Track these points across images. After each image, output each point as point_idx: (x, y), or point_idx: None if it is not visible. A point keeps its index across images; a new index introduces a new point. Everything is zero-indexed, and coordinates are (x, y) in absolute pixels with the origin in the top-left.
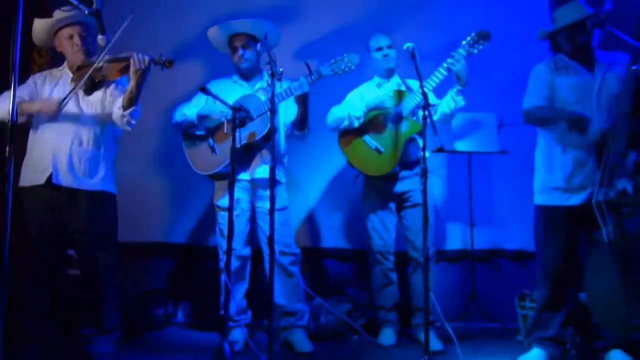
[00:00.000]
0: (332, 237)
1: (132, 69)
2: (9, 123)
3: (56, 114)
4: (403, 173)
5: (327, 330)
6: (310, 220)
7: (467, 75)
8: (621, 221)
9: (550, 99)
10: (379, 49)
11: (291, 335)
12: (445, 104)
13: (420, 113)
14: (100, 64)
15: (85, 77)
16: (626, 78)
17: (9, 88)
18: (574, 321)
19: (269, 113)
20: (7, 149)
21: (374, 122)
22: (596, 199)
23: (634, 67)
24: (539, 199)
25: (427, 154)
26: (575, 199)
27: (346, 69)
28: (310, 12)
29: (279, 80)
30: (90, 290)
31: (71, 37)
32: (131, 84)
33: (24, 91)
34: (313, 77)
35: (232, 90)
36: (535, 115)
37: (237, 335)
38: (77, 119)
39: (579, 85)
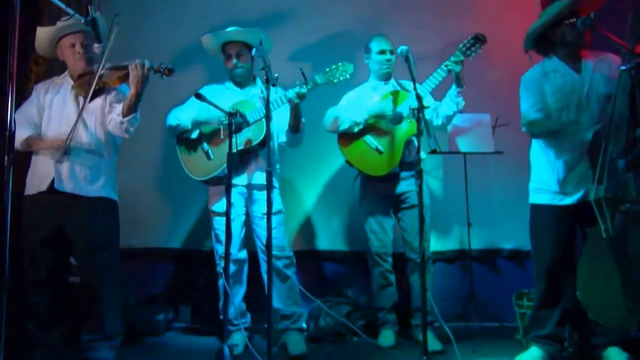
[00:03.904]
0: (331, 239)
1: (131, 76)
2: (7, 132)
3: (66, 149)
4: (402, 174)
5: (326, 332)
6: (308, 224)
7: (462, 77)
8: (620, 217)
9: (545, 107)
10: (382, 52)
11: (287, 337)
12: (447, 107)
13: (416, 114)
14: (102, 71)
15: (94, 85)
16: (619, 78)
17: (6, 97)
18: (572, 318)
19: (264, 119)
20: (6, 158)
21: (374, 125)
22: (596, 195)
23: (622, 67)
24: (534, 198)
25: (423, 156)
26: (569, 200)
27: (341, 78)
28: (305, 16)
29: (274, 85)
30: (91, 297)
31: (73, 46)
32: (131, 92)
33: (31, 107)
34: (309, 86)
35: (225, 96)
36: (537, 131)
37: (237, 338)
38: (78, 126)
39: (566, 89)
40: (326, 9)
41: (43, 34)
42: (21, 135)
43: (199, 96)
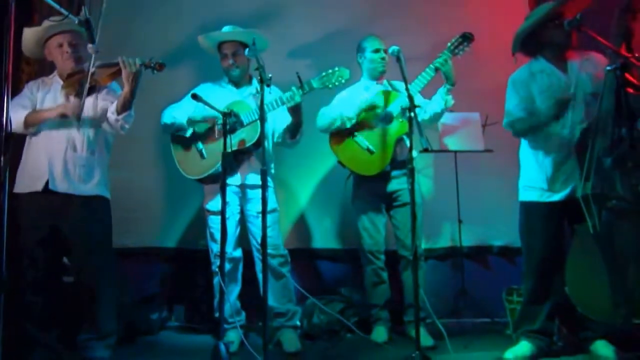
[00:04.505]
0: (325, 237)
1: (124, 74)
2: (3, 134)
3: (79, 117)
4: (393, 173)
5: (320, 329)
6: (302, 222)
7: (454, 75)
8: (606, 214)
9: (530, 107)
10: (377, 50)
11: (281, 335)
12: (436, 104)
13: (407, 114)
14: (93, 69)
15: (87, 84)
16: (605, 77)
17: (1, 99)
18: (560, 313)
19: (259, 120)
20: (2, 159)
21: (365, 123)
22: (583, 192)
23: (607, 68)
24: (523, 195)
25: (415, 154)
26: (557, 196)
27: (336, 83)
28: (297, 16)
29: (268, 86)
30: (86, 296)
31: (61, 46)
32: (125, 90)
33: (25, 100)
34: (305, 89)
35: (221, 95)
36: (520, 127)
37: (232, 336)
38: (70, 125)
39: (553, 89)
40: (316, 10)
41: (29, 34)
42: (18, 117)
43: (195, 97)
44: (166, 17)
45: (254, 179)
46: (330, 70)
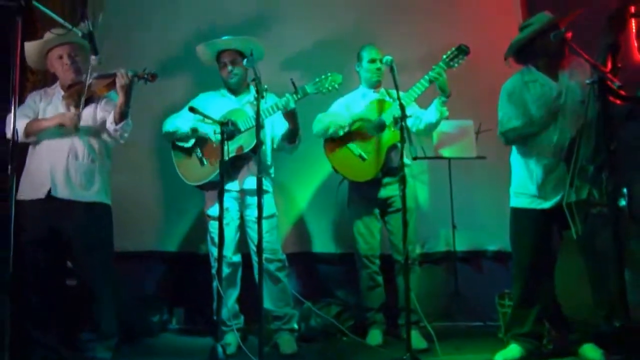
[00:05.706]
0: (321, 241)
1: (118, 84)
2: (10, 142)
3: (77, 127)
4: (386, 179)
5: (317, 332)
6: (300, 226)
7: (449, 87)
8: (589, 220)
9: (526, 116)
10: (373, 60)
11: (279, 337)
12: (431, 115)
13: (399, 123)
14: (90, 81)
15: (85, 95)
16: (589, 88)
17: (8, 105)
18: (550, 316)
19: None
20: (9, 167)
21: (359, 132)
22: (567, 200)
23: (587, 81)
24: (514, 201)
25: (408, 162)
26: (547, 204)
27: (330, 88)
28: (293, 23)
29: (263, 97)
30: (88, 299)
31: (61, 57)
32: (120, 99)
33: (28, 110)
34: (299, 95)
35: (220, 104)
36: (513, 136)
37: (230, 339)
38: (71, 134)
39: (545, 98)
40: (311, 17)
41: (32, 47)
42: (20, 126)
43: (192, 110)
44: (164, 26)
45: (253, 183)
46: (323, 76)
